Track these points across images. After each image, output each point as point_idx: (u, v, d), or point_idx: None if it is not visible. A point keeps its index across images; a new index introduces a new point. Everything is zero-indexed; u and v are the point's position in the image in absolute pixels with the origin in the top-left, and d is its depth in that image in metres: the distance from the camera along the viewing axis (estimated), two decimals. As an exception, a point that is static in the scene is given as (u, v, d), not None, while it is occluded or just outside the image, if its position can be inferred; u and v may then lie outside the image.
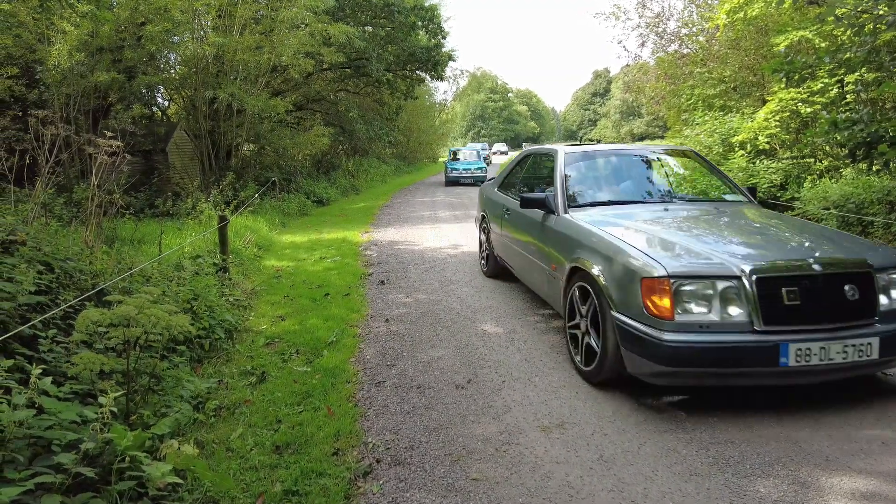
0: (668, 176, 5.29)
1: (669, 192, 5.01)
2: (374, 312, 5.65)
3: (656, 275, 3.24)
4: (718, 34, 13.05)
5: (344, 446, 3.16)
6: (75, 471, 2.17)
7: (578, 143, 6.67)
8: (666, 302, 3.19)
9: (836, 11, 5.78)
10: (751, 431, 3.18)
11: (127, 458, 2.37)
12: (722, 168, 9.73)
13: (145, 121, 14.15)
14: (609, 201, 4.74)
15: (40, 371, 2.43)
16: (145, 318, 2.87)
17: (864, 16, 5.79)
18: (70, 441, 2.32)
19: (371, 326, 5.22)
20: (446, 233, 10.39)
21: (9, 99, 8.95)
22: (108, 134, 5.94)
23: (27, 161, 6.49)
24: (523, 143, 48.86)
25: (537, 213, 4.90)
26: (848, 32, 6.41)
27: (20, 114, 8.93)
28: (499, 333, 4.90)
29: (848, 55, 6.18)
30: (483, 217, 6.87)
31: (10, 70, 8.60)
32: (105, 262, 4.62)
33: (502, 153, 53.42)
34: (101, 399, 2.44)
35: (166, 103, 16.28)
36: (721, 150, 10.17)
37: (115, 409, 2.55)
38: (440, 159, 42.43)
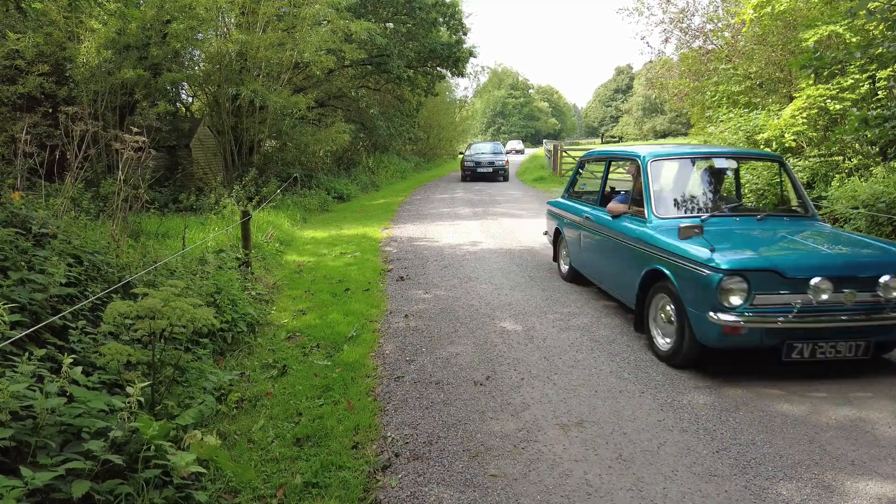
0: None
1: None
2: (393, 308, 5.68)
3: None
4: (744, 29, 12.79)
5: (363, 440, 3.19)
6: (104, 458, 2.23)
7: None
8: None
9: (868, 5, 5.63)
10: (774, 433, 3.14)
11: (152, 447, 2.43)
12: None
13: (170, 117, 14.37)
14: None
15: (71, 361, 2.49)
16: (170, 311, 2.93)
17: (898, 10, 5.64)
18: (99, 429, 2.38)
19: (390, 322, 5.26)
20: (465, 229, 10.39)
21: (40, 96, 9.15)
22: (134, 130, 6.05)
23: (57, 156, 6.65)
24: (544, 140, 47.97)
25: None
26: (881, 27, 6.24)
27: (50, 110, 9.13)
28: (518, 331, 4.89)
29: (880, 50, 6.03)
30: None
31: (41, 67, 8.80)
32: (131, 256, 4.72)
33: (517, 152, 46.74)
34: (129, 389, 2.50)
35: (190, 100, 16.51)
36: (746, 147, 9.97)
37: (141, 399, 2.61)
38: (459, 155, 42.04)
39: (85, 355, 3.05)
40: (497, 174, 21.27)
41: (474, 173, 21.48)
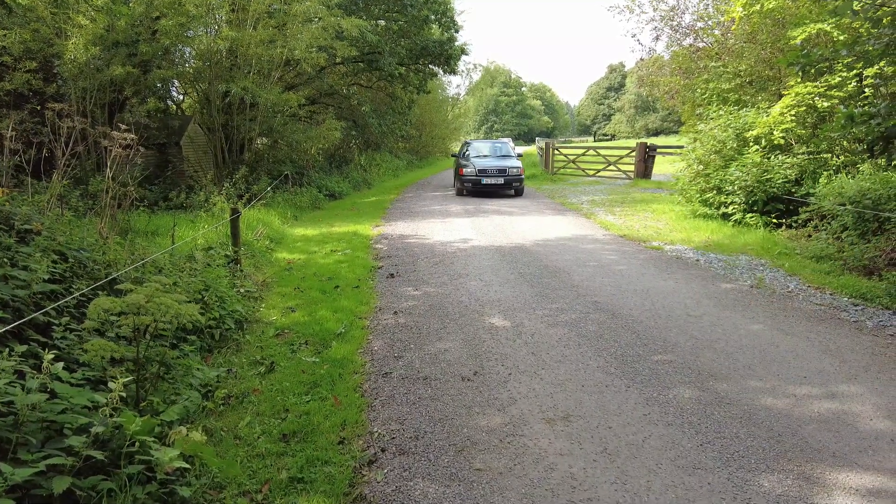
0: None
1: None
2: (382, 305, 5.68)
3: None
4: (734, 27, 12.86)
5: (350, 435, 3.19)
6: (86, 454, 2.22)
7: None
8: None
9: (853, 6, 5.68)
10: (757, 427, 3.17)
11: (136, 443, 2.42)
12: (736, 163, 9.62)
13: (160, 114, 14.29)
14: None
15: (52, 357, 2.48)
16: (154, 307, 2.92)
17: (883, 9, 5.69)
18: (81, 425, 2.37)
19: (379, 318, 5.26)
20: (457, 227, 10.39)
21: (27, 92, 9.08)
22: (123, 127, 6.01)
23: (45, 154, 6.60)
24: (536, 138, 47.96)
25: None
26: (866, 25, 6.29)
27: (38, 107, 9.05)
28: (506, 327, 4.90)
29: (867, 48, 6.08)
30: None
31: (28, 64, 8.73)
32: (118, 253, 4.69)
33: None
34: (111, 384, 2.48)
35: (181, 97, 16.41)
36: (735, 144, 10.03)
37: (124, 395, 2.60)
38: (451, 157, 41.93)
39: (69, 352, 3.03)
40: (510, 185, 15.15)
41: (477, 186, 15.01)
